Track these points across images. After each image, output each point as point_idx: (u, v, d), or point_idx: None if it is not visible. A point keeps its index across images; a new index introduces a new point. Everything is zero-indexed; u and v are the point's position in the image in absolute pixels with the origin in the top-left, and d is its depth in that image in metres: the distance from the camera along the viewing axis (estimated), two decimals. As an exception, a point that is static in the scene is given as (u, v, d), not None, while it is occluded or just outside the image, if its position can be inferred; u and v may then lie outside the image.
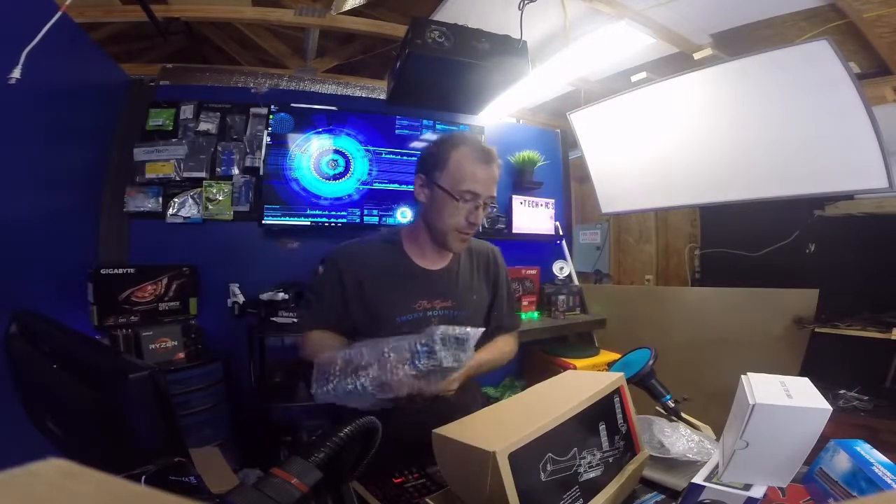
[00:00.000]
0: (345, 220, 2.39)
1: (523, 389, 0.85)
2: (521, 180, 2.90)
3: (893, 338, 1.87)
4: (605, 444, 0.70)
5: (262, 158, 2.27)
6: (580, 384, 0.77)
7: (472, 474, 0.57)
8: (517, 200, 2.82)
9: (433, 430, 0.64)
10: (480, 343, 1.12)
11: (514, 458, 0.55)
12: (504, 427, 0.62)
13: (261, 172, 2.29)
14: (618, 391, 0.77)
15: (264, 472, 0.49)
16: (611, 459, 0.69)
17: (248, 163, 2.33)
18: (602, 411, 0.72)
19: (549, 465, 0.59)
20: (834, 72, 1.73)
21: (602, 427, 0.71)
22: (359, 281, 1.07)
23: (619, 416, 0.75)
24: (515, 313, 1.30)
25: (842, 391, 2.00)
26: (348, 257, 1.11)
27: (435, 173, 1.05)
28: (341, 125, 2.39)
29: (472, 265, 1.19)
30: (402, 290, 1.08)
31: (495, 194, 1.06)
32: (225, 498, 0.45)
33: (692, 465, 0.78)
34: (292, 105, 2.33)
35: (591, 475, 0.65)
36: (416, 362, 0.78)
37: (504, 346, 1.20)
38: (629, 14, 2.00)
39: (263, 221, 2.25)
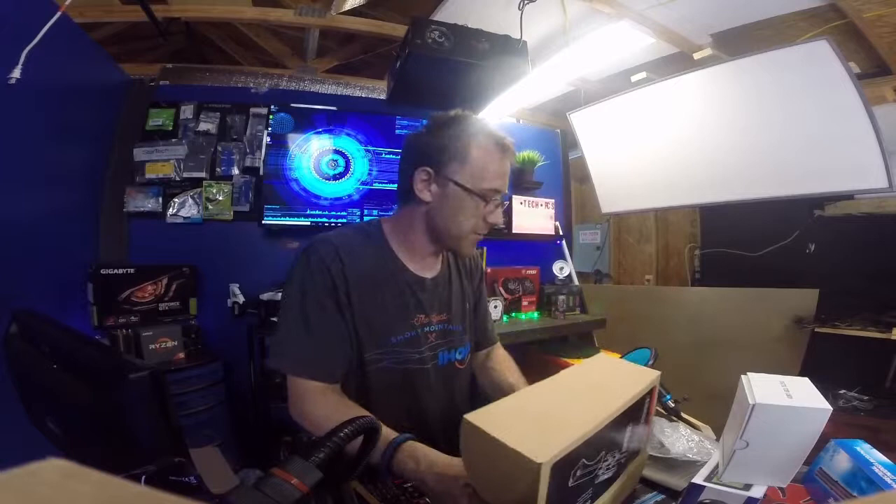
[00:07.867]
0: (345, 221, 2.39)
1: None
2: (521, 180, 2.90)
3: (893, 338, 1.87)
4: (625, 446, 0.66)
5: (262, 158, 2.27)
6: (619, 379, 0.71)
7: (502, 475, 0.52)
8: (517, 200, 2.81)
9: (464, 416, 0.55)
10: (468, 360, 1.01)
11: (553, 467, 0.50)
12: (545, 426, 0.55)
13: (261, 172, 2.28)
14: (650, 391, 0.71)
15: (264, 472, 0.49)
16: (623, 460, 0.67)
17: (248, 163, 2.33)
18: (633, 413, 0.66)
19: (578, 470, 0.55)
20: (834, 72, 1.73)
21: (629, 429, 0.66)
22: (347, 288, 0.83)
23: (643, 416, 0.71)
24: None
25: (842, 391, 2.01)
26: (334, 254, 0.83)
27: (449, 167, 0.87)
28: (341, 125, 2.39)
29: (459, 266, 1.02)
30: (397, 302, 0.88)
31: None
32: (225, 498, 0.44)
33: (692, 465, 0.78)
34: (292, 105, 2.33)
35: (605, 476, 0.62)
36: None
37: (511, 363, 1.07)
38: (629, 14, 2.00)
39: (263, 221, 2.25)
